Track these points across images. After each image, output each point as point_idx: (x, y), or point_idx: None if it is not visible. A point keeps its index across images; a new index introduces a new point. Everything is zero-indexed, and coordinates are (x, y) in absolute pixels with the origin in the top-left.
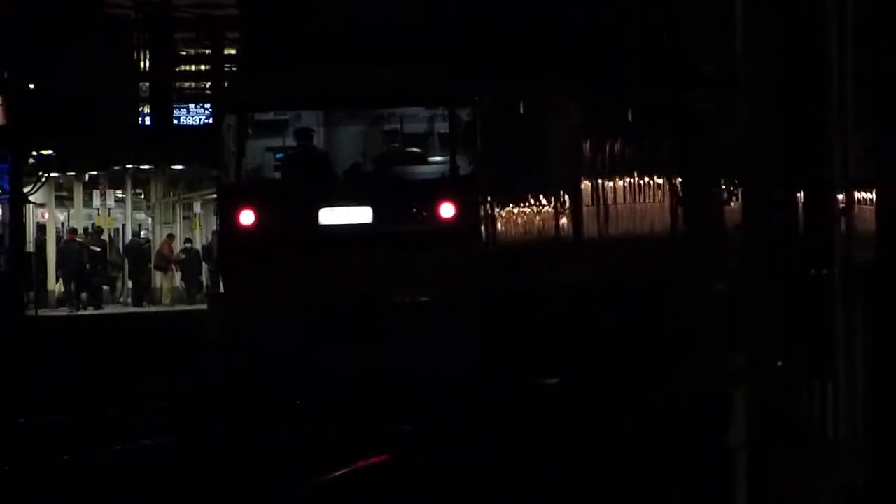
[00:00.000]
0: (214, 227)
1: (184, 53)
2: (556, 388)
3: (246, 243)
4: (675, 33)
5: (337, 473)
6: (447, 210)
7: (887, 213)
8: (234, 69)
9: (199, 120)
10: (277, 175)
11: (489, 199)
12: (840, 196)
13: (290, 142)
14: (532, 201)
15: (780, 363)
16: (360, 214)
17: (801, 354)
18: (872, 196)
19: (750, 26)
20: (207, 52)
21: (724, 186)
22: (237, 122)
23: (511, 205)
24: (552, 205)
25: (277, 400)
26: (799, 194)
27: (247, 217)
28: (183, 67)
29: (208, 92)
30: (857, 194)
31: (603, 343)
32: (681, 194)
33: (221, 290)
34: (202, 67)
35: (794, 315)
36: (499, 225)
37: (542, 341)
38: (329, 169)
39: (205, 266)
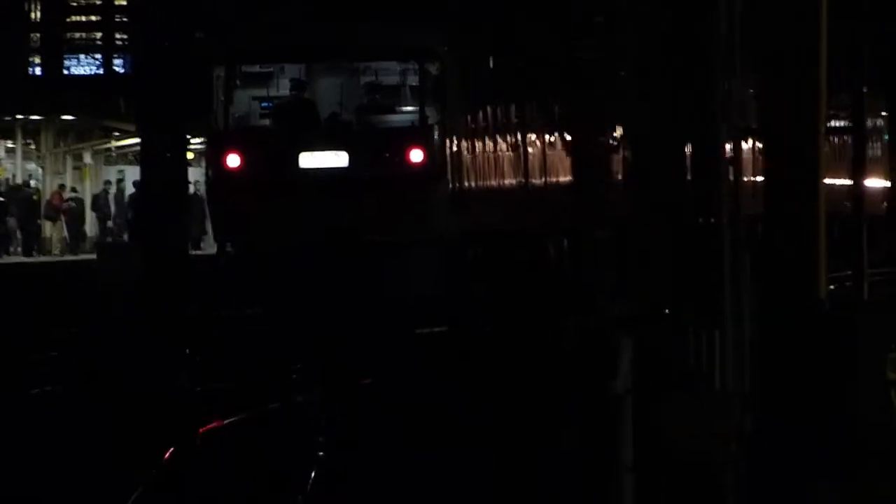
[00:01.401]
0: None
1: (74, 4)
2: (442, 336)
3: (233, 185)
4: None
5: (226, 421)
6: (416, 155)
7: (774, 161)
8: (124, 20)
9: (90, 70)
10: (262, 122)
11: (455, 145)
12: (728, 144)
13: (274, 92)
14: (493, 149)
15: (667, 311)
16: (337, 159)
17: (689, 303)
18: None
19: None
20: (98, 2)
21: (612, 135)
22: (225, 73)
23: (475, 151)
24: (509, 153)
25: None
26: (687, 142)
27: (233, 160)
28: (74, 18)
29: (99, 42)
30: (746, 142)
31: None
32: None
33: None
34: (93, 18)
35: (683, 263)
36: (463, 170)
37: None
38: (309, 117)
39: (92, 216)
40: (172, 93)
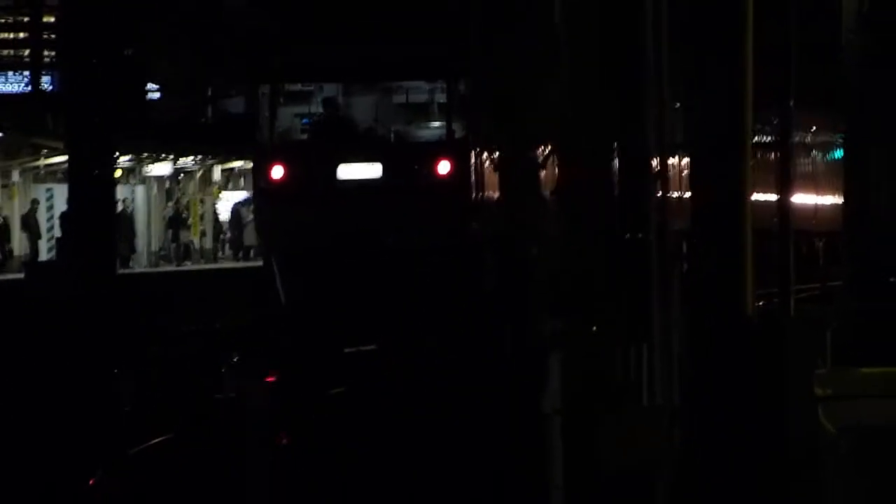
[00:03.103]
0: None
1: (1, 21)
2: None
3: (277, 194)
4: None
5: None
6: (444, 167)
7: (701, 176)
8: (53, 37)
9: (18, 87)
10: (303, 136)
11: (477, 158)
12: (656, 160)
13: (315, 108)
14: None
15: (595, 327)
16: (372, 170)
17: (619, 319)
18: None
19: None
20: (26, 19)
21: (539, 151)
22: (270, 91)
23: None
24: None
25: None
26: (615, 158)
27: (277, 172)
28: (1, 35)
29: (27, 59)
30: (675, 159)
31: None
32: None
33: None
34: (20, 35)
35: (612, 279)
36: (485, 180)
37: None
38: (346, 131)
39: (22, 236)
40: (101, 110)
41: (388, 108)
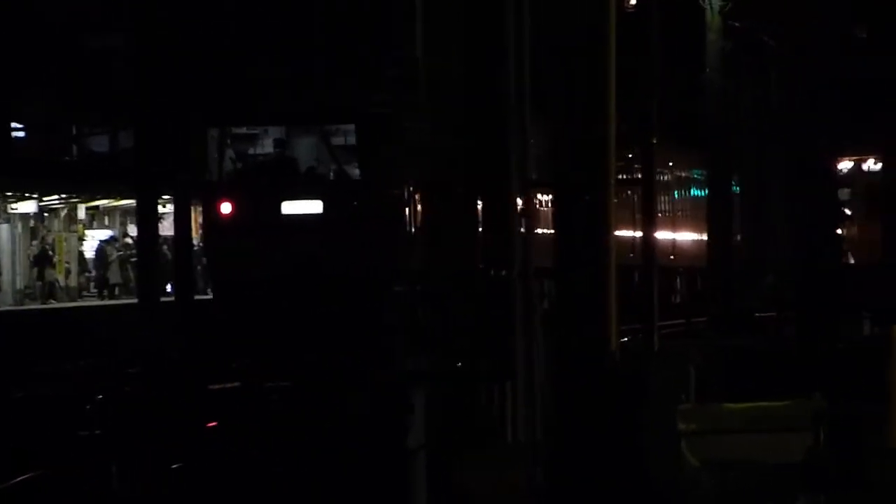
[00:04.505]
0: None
1: None
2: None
3: (225, 227)
4: (359, 37)
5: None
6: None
7: (564, 213)
8: None
9: None
10: (250, 175)
11: (413, 193)
12: (520, 199)
13: (260, 149)
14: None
15: (459, 364)
16: (313, 206)
17: (483, 356)
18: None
19: (430, 29)
20: None
21: (407, 189)
22: (218, 134)
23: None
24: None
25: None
26: (479, 196)
27: (225, 207)
28: None
29: None
30: (539, 196)
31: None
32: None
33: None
34: None
35: (475, 316)
36: (418, 215)
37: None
38: (289, 170)
39: None
40: None
41: (328, 148)
